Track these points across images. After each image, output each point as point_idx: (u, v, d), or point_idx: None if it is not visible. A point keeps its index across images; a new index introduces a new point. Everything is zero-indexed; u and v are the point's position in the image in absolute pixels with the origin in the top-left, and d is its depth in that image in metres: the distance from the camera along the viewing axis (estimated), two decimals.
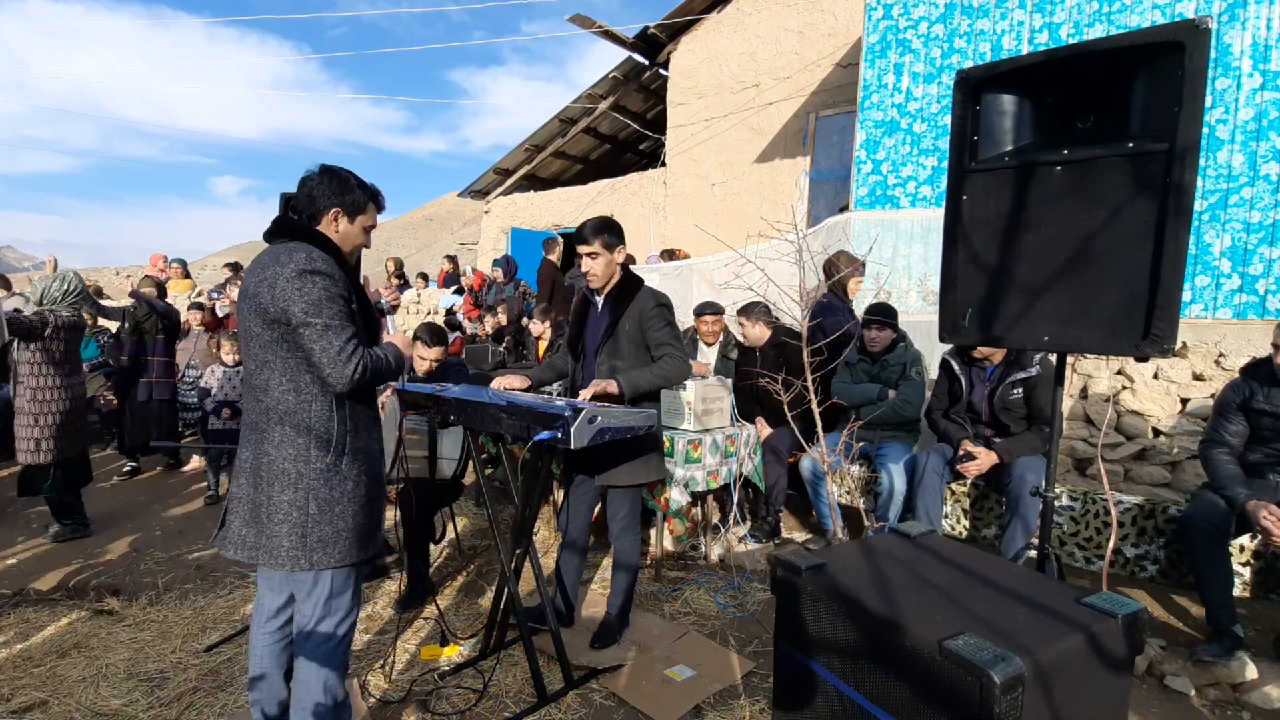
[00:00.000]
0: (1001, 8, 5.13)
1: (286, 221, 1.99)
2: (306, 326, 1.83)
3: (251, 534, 1.91)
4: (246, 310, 1.91)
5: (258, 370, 1.91)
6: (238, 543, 1.93)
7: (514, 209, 11.90)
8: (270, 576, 2.05)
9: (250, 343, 1.92)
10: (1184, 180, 1.67)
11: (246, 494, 1.92)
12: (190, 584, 3.56)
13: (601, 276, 2.76)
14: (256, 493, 1.90)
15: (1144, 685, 2.63)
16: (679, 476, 3.47)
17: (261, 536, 1.89)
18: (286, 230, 1.96)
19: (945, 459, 3.50)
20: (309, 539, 1.88)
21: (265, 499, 1.89)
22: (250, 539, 1.91)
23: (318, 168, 2.03)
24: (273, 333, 1.87)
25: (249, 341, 1.93)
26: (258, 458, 1.91)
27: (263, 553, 1.89)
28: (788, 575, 1.77)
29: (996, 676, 1.26)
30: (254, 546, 1.91)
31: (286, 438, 1.89)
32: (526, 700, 2.50)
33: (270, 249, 1.94)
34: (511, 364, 6.29)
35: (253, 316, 1.89)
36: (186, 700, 2.51)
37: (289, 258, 1.86)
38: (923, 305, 4.90)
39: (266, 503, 1.88)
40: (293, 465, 1.88)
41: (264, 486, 1.89)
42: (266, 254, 1.93)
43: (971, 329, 2.13)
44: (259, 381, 1.91)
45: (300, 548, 1.88)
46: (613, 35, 9.26)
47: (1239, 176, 4.39)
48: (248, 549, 1.91)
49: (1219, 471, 2.83)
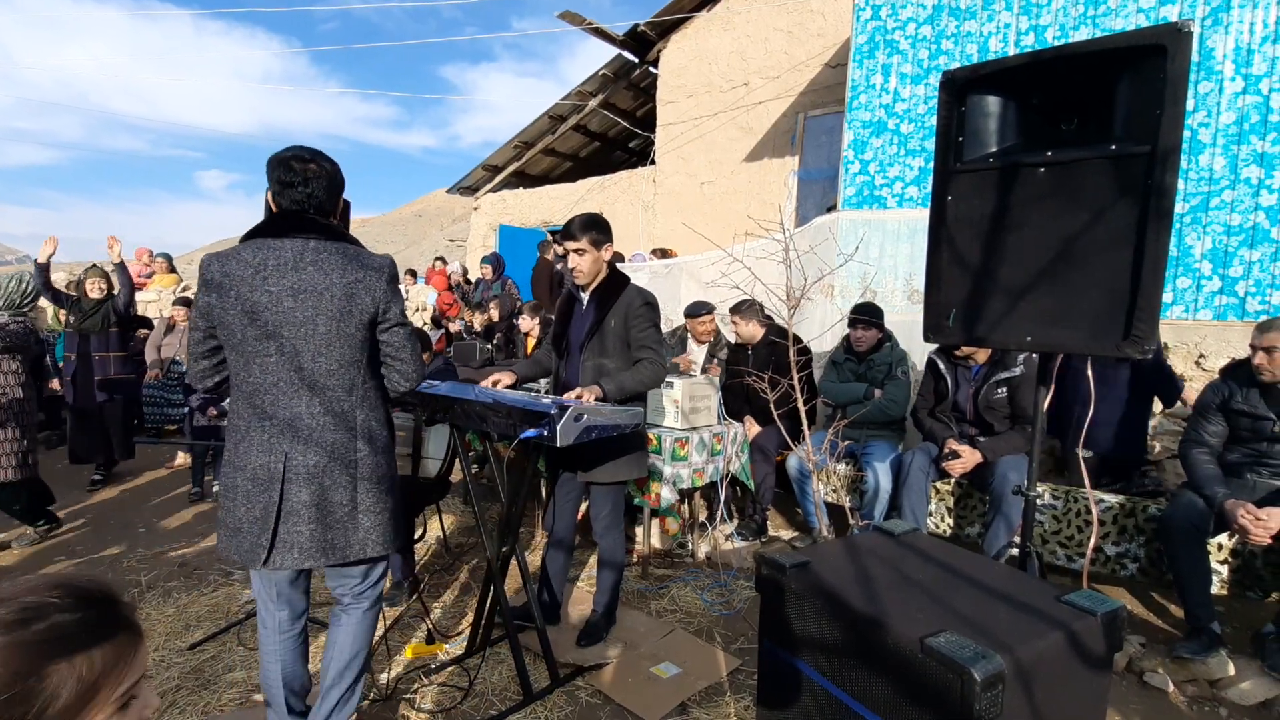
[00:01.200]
0: (988, 10, 5.16)
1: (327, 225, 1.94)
2: (402, 327, 1.98)
3: (329, 536, 1.89)
4: (327, 307, 1.84)
5: (341, 370, 1.89)
6: (310, 550, 1.88)
7: (503, 206, 11.86)
8: (293, 582, 2.03)
9: (330, 344, 1.86)
10: (1165, 183, 1.68)
11: (312, 499, 1.86)
12: (173, 582, 3.53)
13: (588, 273, 2.75)
14: (330, 494, 1.89)
15: (1123, 682, 2.66)
16: (667, 474, 3.48)
17: (342, 535, 1.91)
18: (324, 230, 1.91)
19: (931, 457, 3.52)
20: (394, 524, 2.01)
21: (348, 498, 1.91)
22: (328, 541, 1.89)
23: (308, 152, 1.93)
24: (363, 334, 1.92)
25: (328, 342, 1.86)
26: (332, 459, 1.88)
27: (349, 551, 1.92)
28: (773, 573, 1.78)
29: (977, 674, 1.27)
30: (333, 547, 1.90)
31: (371, 434, 1.96)
32: (512, 698, 2.50)
33: (326, 246, 1.88)
34: (500, 361, 6.28)
35: (343, 318, 1.86)
36: (169, 699, 2.49)
37: (371, 261, 1.93)
38: (908, 305, 4.93)
39: (349, 501, 1.91)
40: (372, 459, 1.96)
41: (343, 487, 1.90)
42: (335, 254, 1.87)
43: (955, 329, 2.15)
44: (342, 381, 1.90)
45: (391, 533, 2.00)
46: (603, 32, 9.24)
47: (1220, 180, 4.44)
48: (324, 553, 1.90)
49: (1198, 471, 2.87)
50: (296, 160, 1.90)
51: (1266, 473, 2.83)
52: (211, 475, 5.11)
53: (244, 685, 2.59)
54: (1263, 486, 2.81)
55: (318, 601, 3.29)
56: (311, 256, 1.85)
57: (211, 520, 4.54)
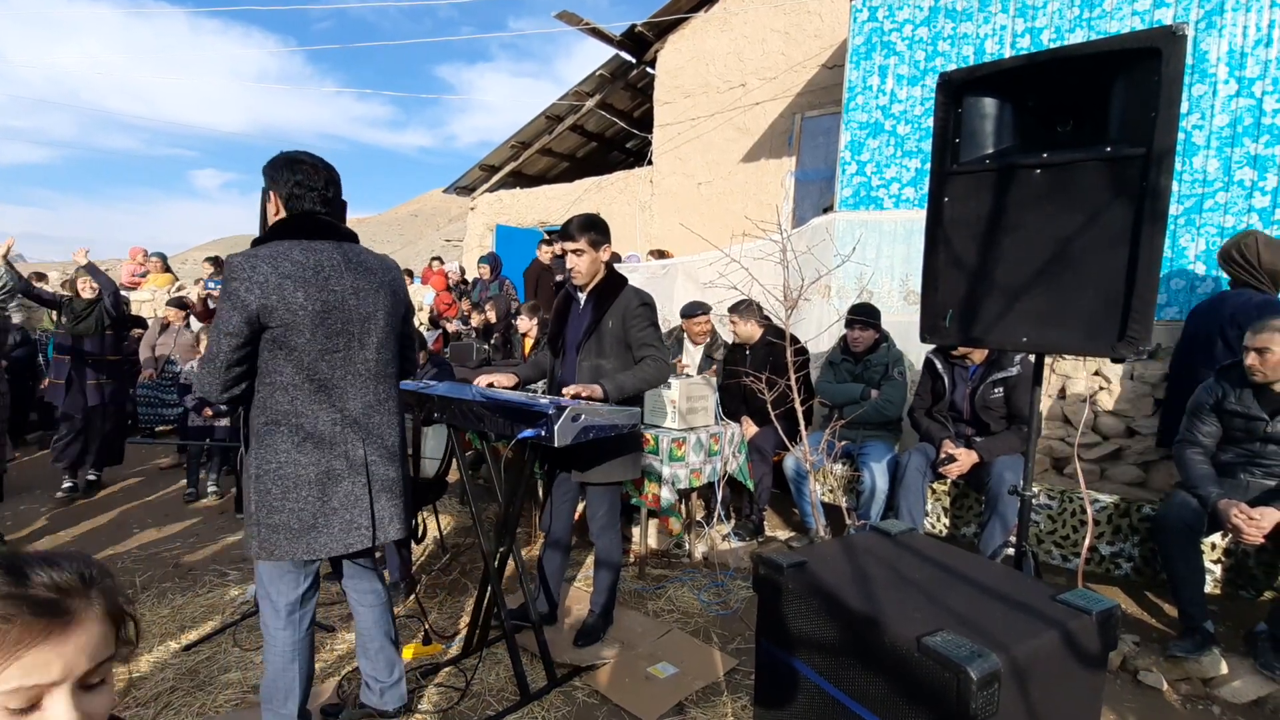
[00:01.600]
0: (984, 11, 5.18)
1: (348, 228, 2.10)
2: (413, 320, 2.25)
3: (402, 511, 2.14)
4: (383, 304, 2.05)
5: (393, 360, 2.13)
6: (394, 524, 2.10)
7: (500, 206, 11.84)
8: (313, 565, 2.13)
9: (388, 337, 2.09)
10: (1160, 184, 1.70)
11: (391, 477, 2.10)
12: (168, 583, 3.52)
13: (586, 273, 2.76)
14: (394, 473, 2.11)
15: (1118, 680, 2.67)
16: (665, 475, 3.48)
17: (404, 509, 2.16)
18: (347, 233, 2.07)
19: (928, 458, 3.53)
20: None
21: (398, 474, 2.13)
22: (401, 516, 2.13)
23: (313, 156, 2.03)
24: (403, 328, 2.17)
25: (387, 335, 2.08)
26: (395, 440, 2.12)
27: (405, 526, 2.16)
28: (770, 573, 1.78)
29: (973, 673, 1.28)
30: (403, 521, 2.15)
31: (402, 419, 2.18)
32: (509, 698, 2.50)
33: (355, 248, 2.05)
34: (498, 361, 6.27)
35: (393, 313, 2.09)
36: (164, 700, 2.49)
37: (390, 260, 2.15)
38: (904, 305, 4.93)
39: (402, 479, 2.16)
40: (402, 443, 2.19)
41: (398, 466, 2.13)
42: (370, 255, 2.08)
43: (952, 329, 2.16)
44: (395, 371, 2.15)
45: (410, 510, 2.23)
46: (600, 33, 9.24)
47: (1214, 181, 4.47)
48: (402, 525, 2.14)
49: (1192, 471, 2.88)
50: (310, 164, 1.99)
51: (1259, 472, 2.85)
52: (205, 474, 5.09)
53: (239, 686, 2.59)
54: (1256, 486, 2.82)
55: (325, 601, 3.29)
56: (352, 257, 2.00)
57: (208, 521, 4.52)
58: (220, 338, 1.84)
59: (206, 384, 1.88)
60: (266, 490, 1.93)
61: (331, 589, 3.41)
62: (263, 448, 1.92)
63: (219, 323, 1.85)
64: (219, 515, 4.62)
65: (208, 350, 1.89)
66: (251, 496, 1.96)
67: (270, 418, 1.91)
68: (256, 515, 1.94)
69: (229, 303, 1.84)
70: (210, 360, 1.87)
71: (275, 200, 2.00)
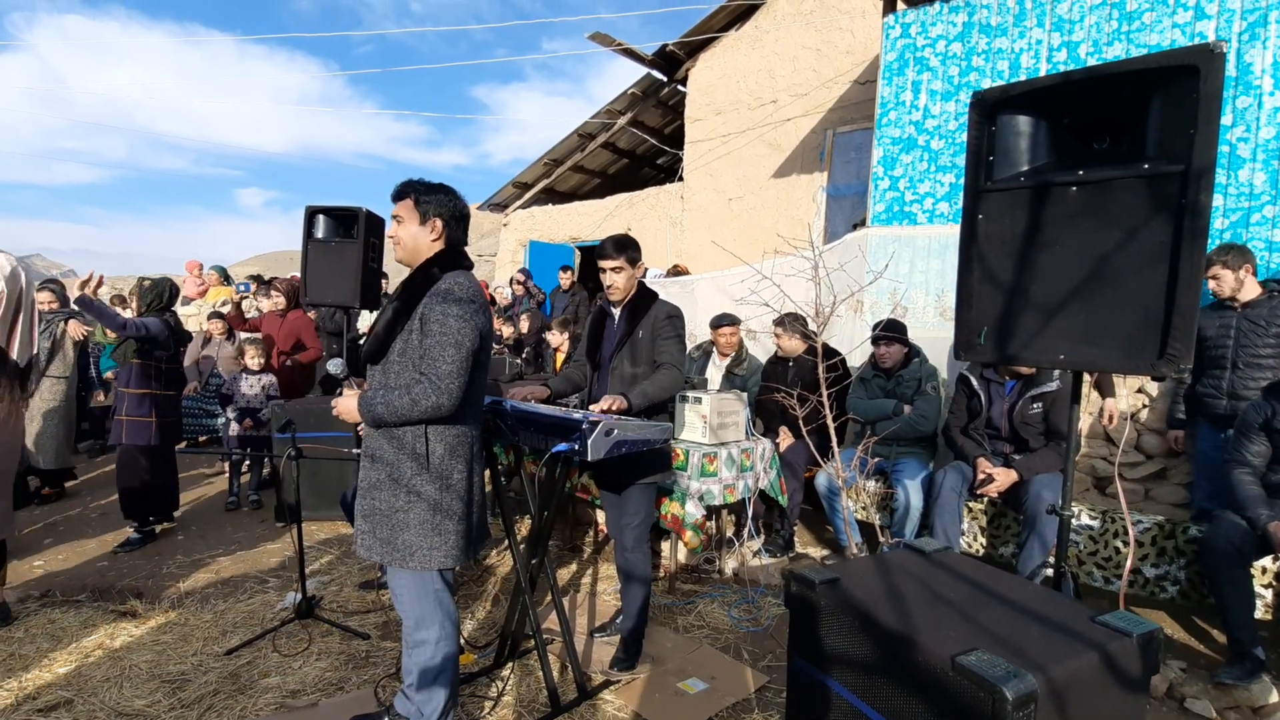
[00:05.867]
0: (1020, 27, 5.14)
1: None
2: None
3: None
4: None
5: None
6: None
7: (532, 222, 12.00)
8: None
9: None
10: (1199, 202, 1.68)
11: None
12: (210, 588, 3.62)
13: (623, 289, 2.87)
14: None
15: (1164, 708, 2.60)
16: (694, 490, 3.49)
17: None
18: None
19: (964, 477, 3.48)
20: None
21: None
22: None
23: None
24: None
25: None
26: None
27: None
28: (802, 589, 1.78)
29: (1009, 693, 1.27)
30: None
31: None
32: (540, 709, 2.52)
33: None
34: (529, 375, 6.35)
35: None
36: (207, 702, 2.56)
37: None
38: (940, 321, 4.89)
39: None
40: None
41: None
42: None
43: (987, 347, 2.14)
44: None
45: None
46: (632, 53, 9.36)
47: (1260, 195, 4.36)
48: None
49: (1240, 492, 2.80)
50: (463, 201, 2.20)
51: None
52: (246, 483, 5.24)
53: (279, 690, 2.65)
54: None
55: (352, 610, 3.36)
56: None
57: (246, 528, 4.64)
58: (458, 350, 2.00)
59: (446, 397, 1.99)
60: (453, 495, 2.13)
61: (367, 597, 3.48)
62: (452, 459, 2.12)
63: (458, 338, 2.00)
64: (259, 524, 4.74)
65: (439, 368, 1.98)
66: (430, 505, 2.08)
67: (457, 435, 2.13)
68: (442, 524, 2.09)
69: (467, 322, 2.02)
70: (448, 377, 1.99)
71: (437, 225, 2.15)
